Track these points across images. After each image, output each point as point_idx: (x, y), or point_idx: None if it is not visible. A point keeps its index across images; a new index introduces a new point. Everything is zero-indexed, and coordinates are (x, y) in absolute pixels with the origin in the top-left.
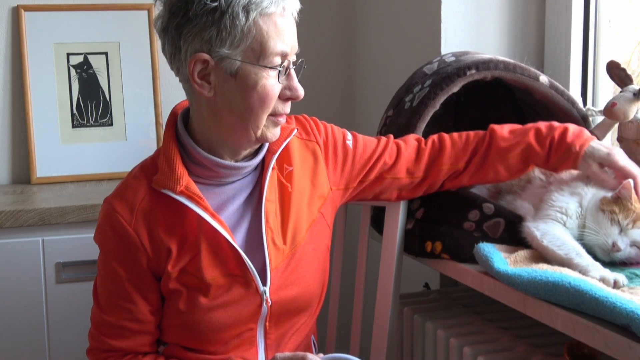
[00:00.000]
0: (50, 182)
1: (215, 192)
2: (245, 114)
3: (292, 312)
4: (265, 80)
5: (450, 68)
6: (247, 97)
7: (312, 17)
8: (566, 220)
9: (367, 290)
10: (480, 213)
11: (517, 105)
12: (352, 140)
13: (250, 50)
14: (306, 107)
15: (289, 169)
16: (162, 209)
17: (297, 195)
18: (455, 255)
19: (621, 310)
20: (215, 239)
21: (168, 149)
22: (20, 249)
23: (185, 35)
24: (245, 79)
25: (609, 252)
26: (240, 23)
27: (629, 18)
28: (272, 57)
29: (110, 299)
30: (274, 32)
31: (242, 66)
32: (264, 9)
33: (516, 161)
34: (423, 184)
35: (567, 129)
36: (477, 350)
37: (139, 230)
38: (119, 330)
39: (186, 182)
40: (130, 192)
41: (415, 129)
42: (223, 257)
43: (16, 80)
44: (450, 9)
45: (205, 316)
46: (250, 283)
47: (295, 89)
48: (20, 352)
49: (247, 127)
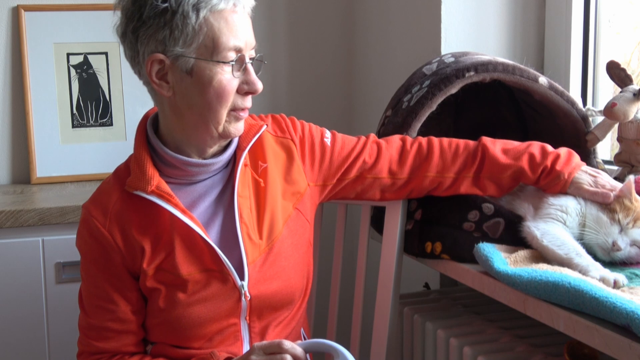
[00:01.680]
0: (50, 182)
1: (187, 191)
2: (204, 110)
3: (275, 306)
4: (221, 76)
5: (449, 69)
6: (204, 93)
7: (312, 17)
8: (566, 218)
9: (367, 290)
10: (480, 213)
11: (517, 105)
12: (331, 138)
13: (203, 47)
14: (306, 107)
15: (263, 166)
16: (135, 210)
17: (272, 191)
18: (455, 255)
19: (621, 310)
20: (188, 236)
21: (138, 152)
22: (20, 249)
23: (141, 37)
24: (200, 76)
25: (609, 252)
26: (191, 22)
27: (629, 18)
28: (225, 52)
29: (92, 302)
30: (226, 28)
31: (196, 63)
32: (213, 6)
33: (507, 181)
34: (406, 187)
35: (559, 156)
36: (477, 350)
37: (112, 232)
38: (103, 332)
39: (157, 182)
40: (104, 196)
41: (410, 128)
42: (198, 253)
43: (16, 80)
44: (450, 9)
45: (185, 312)
46: (227, 277)
47: (252, 82)
48: (20, 351)
49: (208, 124)
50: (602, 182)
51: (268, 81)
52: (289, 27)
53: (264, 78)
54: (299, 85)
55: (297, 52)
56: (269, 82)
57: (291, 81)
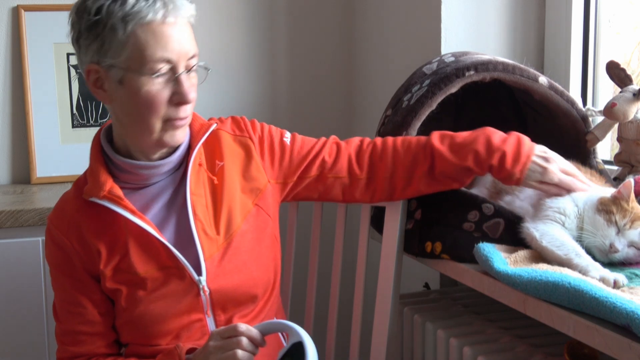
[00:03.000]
0: (50, 182)
1: (141, 194)
2: (138, 119)
3: (239, 300)
4: (149, 87)
5: (449, 69)
6: (136, 103)
7: (312, 17)
8: (565, 220)
9: (367, 290)
10: (479, 213)
11: (517, 105)
12: (290, 138)
13: (131, 59)
14: (306, 108)
15: (220, 164)
16: (91, 215)
17: (229, 188)
18: (455, 255)
19: (621, 310)
20: (142, 236)
21: (93, 161)
22: (20, 249)
23: (82, 47)
24: (130, 86)
25: (607, 254)
26: (119, 34)
27: (629, 18)
28: (153, 64)
29: (64, 307)
30: (153, 41)
31: (126, 74)
32: (141, 19)
33: (463, 176)
34: (368, 188)
35: (505, 153)
36: (477, 350)
37: (71, 238)
38: (76, 336)
39: (109, 188)
40: (64, 206)
41: (410, 127)
42: (154, 253)
43: (16, 80)
44: (450, 9)
45: (147, 309)
46: (184, 273)
47: (182, 93)
48: (20, 352)
49: (144, 132)
50: (551, 175)
51: (268, 81)
52: (289, 27)
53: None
54: (299, 85)
55: (297, 52)
56: (269, 82)
57: (291, 81)
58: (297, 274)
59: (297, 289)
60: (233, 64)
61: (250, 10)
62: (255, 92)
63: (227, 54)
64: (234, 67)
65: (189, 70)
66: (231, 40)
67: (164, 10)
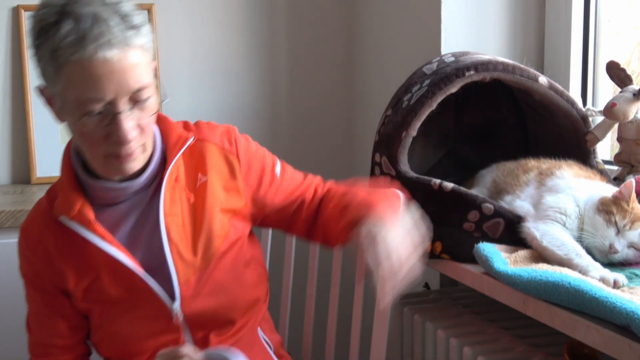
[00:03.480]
0: (50, 182)
1: (111, 211)
2: (83, 147)
3: (218, 322)
4: (82, 127)
5: (449, 68)
6: (74, 134)
7: (312, 17)
8: (565, 220)
9: (367, 289)
10: (479, 213)
11: (517, 105)
12: (280, 171)
13: (65, 93)
14: (306, 108)
15: (203, 180)
16: (61, 235)
17: (210, 206)
18: (455, 255)
19: (621, 310)
20: (112, 262)
21: (64, 172)
22: None
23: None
24: (68, 118)
25: (607, 254)
26: (50, 68)
27: (629, 18)
28: (84, 105)
29: (35, 320)
30: (81, 80)
31: (64, 106)
32: (69, 57)
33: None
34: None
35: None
36: (477, 350)
37: (38, 255)
38: (47, 349)
39: (80, 207)
40: (35, 218)
41: (410, 127)
42: (123, 276)
43: (16, 80)
44: (450, 9)
45: (121, 329)
46: (156, 298)
47: (118, 135)
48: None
49: (91, 161)
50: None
51: (268, 81)
52: (289, 27)
53: (264, 79)
54: (298, 85)
55: (297, 52)
56: (269, 82)
57: (291, 82)
58: (297, 274)
59: (296, 289)
60: (233, 64)
61: (250, 10)
62: (255, 92)
63: (227, 54)
64: (234, 67)
65: (135, 104)
66: (231, 40)
67: (95, 45)
